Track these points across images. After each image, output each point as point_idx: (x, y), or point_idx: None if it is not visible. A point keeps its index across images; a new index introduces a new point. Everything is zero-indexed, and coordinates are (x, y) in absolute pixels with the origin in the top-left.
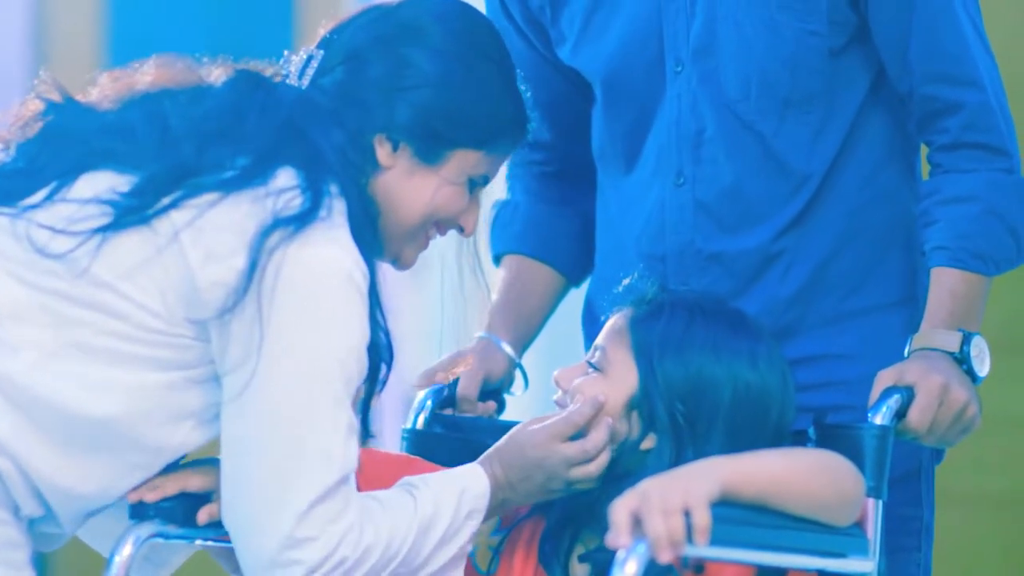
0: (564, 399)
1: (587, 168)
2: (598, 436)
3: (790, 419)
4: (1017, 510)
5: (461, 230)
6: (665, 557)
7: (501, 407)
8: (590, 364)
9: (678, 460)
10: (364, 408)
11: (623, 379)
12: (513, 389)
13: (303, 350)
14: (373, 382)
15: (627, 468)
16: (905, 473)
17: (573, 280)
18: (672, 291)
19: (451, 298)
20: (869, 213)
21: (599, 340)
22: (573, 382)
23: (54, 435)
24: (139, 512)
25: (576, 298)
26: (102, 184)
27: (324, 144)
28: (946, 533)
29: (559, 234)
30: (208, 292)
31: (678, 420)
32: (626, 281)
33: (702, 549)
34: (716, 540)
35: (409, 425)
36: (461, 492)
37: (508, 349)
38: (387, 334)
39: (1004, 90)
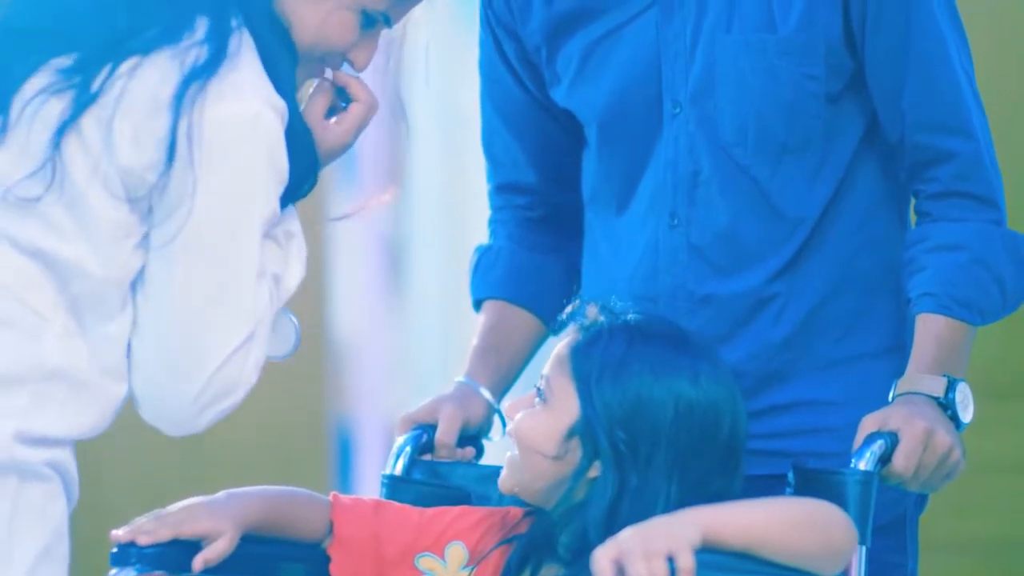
0: None
1: (571, 214)
2: None
3: (742, 434)
4: (999, 555)
5: (353, 66)
6: None
7: (480, 452)
8: (538, 394)
9: (623, 487)
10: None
11: (565, 408)
12: (492, 434)
13: (225, 204)
14: (295, 197)
15: (577, 499)
16: (891, 521)
17: (554, 328)
18: (615, 314)
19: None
20: (861, 259)
21: (544, 369)
22: (516, 415)
23: None
24: (121, 558)
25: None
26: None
27: None
28: None
29: (541, 280)
30: (142, 173)
31: (619, 447)
32: (569, 308)
33: None
34: None
35: (389, 471)
36: None
37: (487, 394)
38: (310, 150)
39: (992, 142)
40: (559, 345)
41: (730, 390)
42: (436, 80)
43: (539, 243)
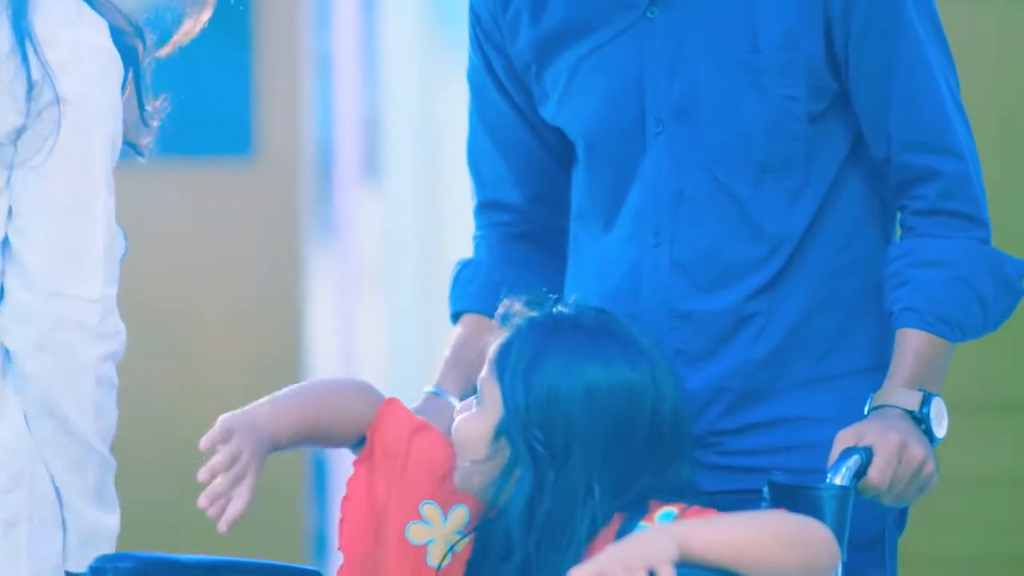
0: None
1: (554, 232)
2: None
3: (668, 413)
4: (976, 570)
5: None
6: None
7: None
8: (476, 399)
9: (540, 484)
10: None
11: (492, 409)
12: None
13: (82, 125)
14: None
15: (506, 497)
16: (871, 537)
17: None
18: (541, 309)
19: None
20: (844, 278)
21: (482, 371)
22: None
23: None
24: (98, 574)
25: None
26: None
27: None
28: None
29: (517, 294)
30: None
31: (534, 445)
32: (502, 308)
33: None
34: None
35: None
36: None
37: (457, 405)
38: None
39: (979, 159)
40: (491, 345)
41: (650, 373)
42: (413, 85)
43: (520, 259)
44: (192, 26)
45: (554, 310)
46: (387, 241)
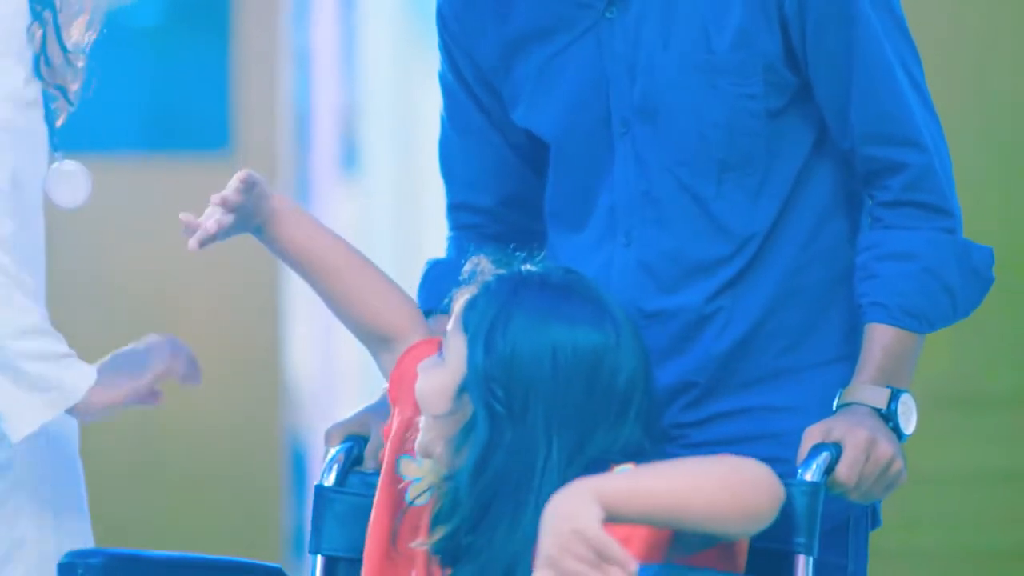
0: None
1: (527, 235)
2: None
3: (625, 376)
4: (950, 566)
5: None
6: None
7: None
8: (438, 355)
9: (495, 444)
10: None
11: (457, 365)
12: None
13: None
14: None
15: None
16: (832, 526)
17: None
18: (509, 267)
19: None
20: (811, 271)
21: (448, 325)
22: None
23: None
24: (68, 570)
25: None
26: None
27: None
28: None
29: None
30: None
31: (492, 403)
32: (470, 265)
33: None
34: None
35: (321, 482)
36: None
37: None
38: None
39: (947, 149)
40: (458, 297)
41: (614, 335)
42: (391, 80)
43: None
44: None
45: (522, 268)
46: (365, 236)
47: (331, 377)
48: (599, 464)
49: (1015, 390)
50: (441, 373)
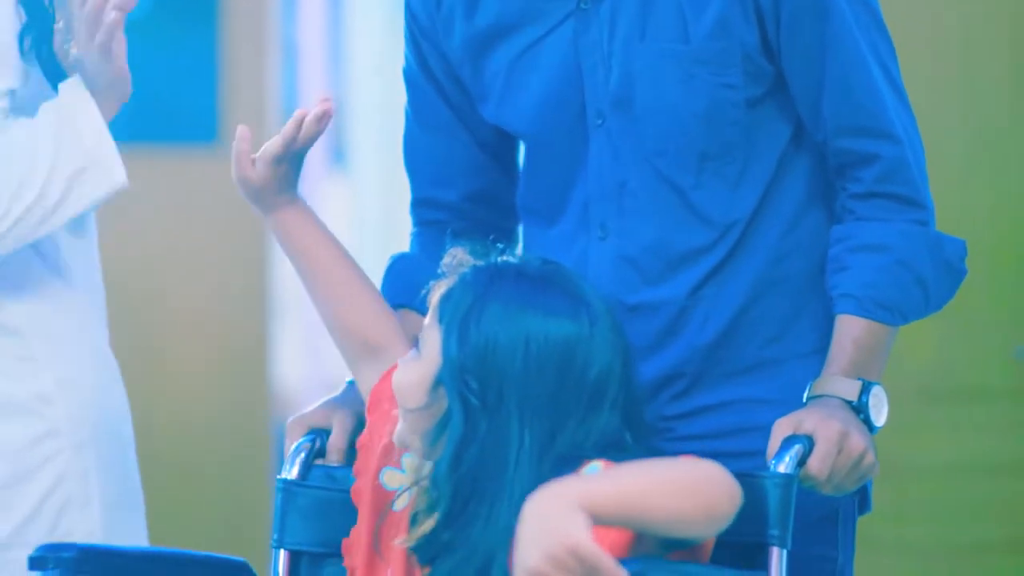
0: None
1: (490, 231)
2: None
3: (597, 368)
4: (938, 559)
5: None
6: None
7: None
8: (415, 348)
9: (470, 437)
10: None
11: (432, 357)
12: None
13: None
14: None
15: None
16: (822, 516)
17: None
18: (486, 258)
19: None
20: (790, 261)
21: (426, 319)
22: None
23: None
24: (39, 563)
25: None
26: None
27: None
28: None
29: None
30: None
31: (466, 395)
32: (448, 258)
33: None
34: None
35: (284, 475)
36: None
37: None
38: None
39: (921, 142)
40: (434, 289)
41: (588, 326)
42: (379, 73)
43: None
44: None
45: (499, 259)
46: (353, 228)
47: (318, 373)
48: (570, 459)
49: (1004, 382)
50: (417, 366)
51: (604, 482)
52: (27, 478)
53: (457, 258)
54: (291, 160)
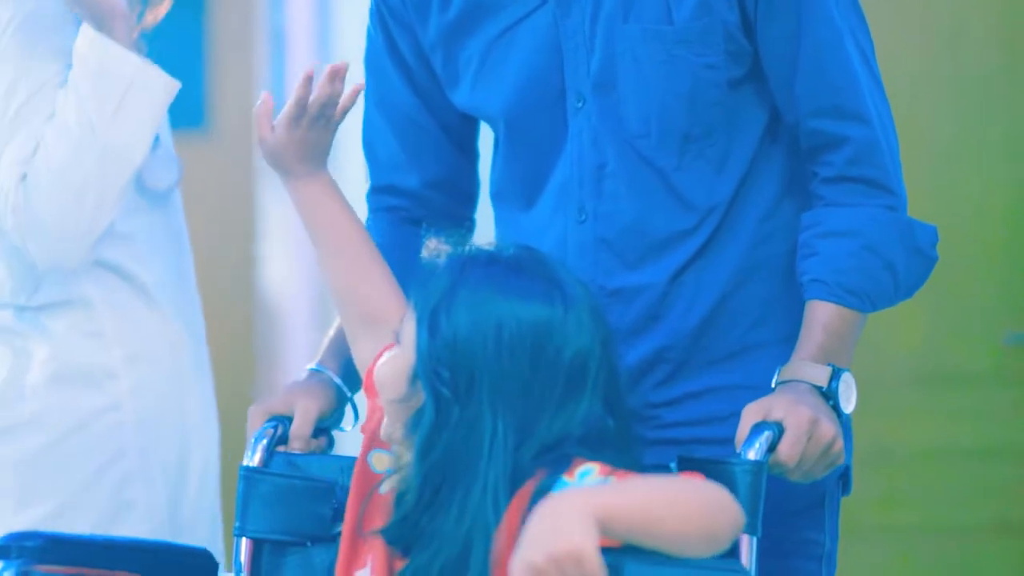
0: None
1: (449, 219)
2: None
3: (571, 353)
4: (925, 543)
5: None
6: None
7: (330, 443)
8: (396, 341)
9: (441, 425)
10: None
11: (409, 347)
12: (344, 425)
13: None
14: None
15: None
16: (811, 502)
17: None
18: (461, 246)
19: None
20: (771, 246)
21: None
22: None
23: None
24: (3, 553)
25: None
26: None
27: None
28: (855, 565)
29: (408, 282)
30: None
31: (438, 387)
32: (424, 251)
33: None
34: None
35: (246, 462)
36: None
37: (340, 383)
38: None
39: (894, 126)
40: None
41: (562, 310)
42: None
43: (413, 244)
44: (152, 19)
45: (472, 247)
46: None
47: (305, 357)
48: (556, 450)
49: (991, 366)
50: (395, 358)
51: (621, 497)
52: (89, 448)
53: (434, 248)
54: (312, 126)
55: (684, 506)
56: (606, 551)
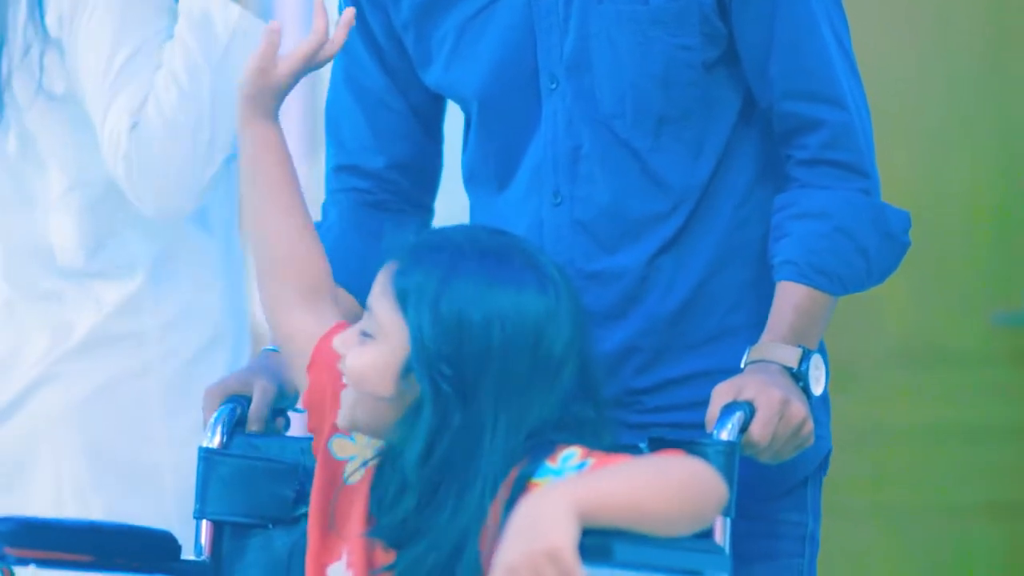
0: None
1: (411, 206)
2: None
3: (561, 343)
4: (912, 523)
5: None
6: None
7: (287, 424)
8: (362, 332)
9: (442, 427)
10: None
11: (396, 341)
12: (299, 405)
13: None
14: None
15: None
16: (795, 483)
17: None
18: (441, 231)
19: None
20: (748, 229)
21: (368, 301)
22: (347, 352)
23: None
24: None
25: None
26: None
27: None
28: (842, 545)
29: (367, 266)
30: None
31: (440, 384)
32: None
33: None
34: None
35: (206, 444)
36: None
37: None
38: None
39: (868, 110)
40: (381, 271)
41: (555, 299)
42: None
43: (373, 228)
44: None
45: (452, 234)
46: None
47: None
48: (539, 438)
49: (981, 348)
50: (377, 350)
51: (602, 486)
52: (117, 413)
53: (400, 237)
54: (299, 76)
55: (667, 488)
56: (594, 532)
